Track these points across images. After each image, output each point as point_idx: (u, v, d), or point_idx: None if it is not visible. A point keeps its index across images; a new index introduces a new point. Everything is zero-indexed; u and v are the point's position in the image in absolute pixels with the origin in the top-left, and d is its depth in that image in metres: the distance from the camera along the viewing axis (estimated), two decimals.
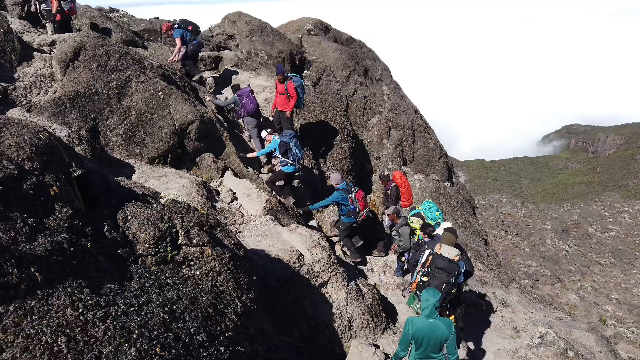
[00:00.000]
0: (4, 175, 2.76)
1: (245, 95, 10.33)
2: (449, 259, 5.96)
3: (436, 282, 5.80)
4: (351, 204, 9.18)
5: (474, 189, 25.86)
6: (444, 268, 5.84)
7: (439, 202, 14.71)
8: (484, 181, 33.41)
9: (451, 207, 15.39)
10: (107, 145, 7.83)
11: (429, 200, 9.24)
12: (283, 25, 20.42)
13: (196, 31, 11.47)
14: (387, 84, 19.64)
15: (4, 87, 7.24)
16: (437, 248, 6.20)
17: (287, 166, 9.33)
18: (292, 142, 9.25)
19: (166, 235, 3.73)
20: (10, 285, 2.23)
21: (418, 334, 4.76)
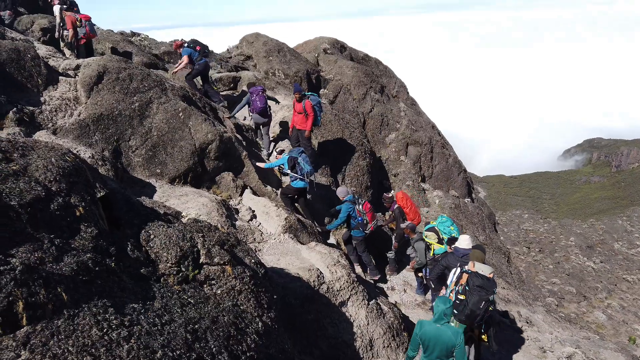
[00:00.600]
0: (32, 197, 2.83)
1: (255, 94, 10.84)
2: (486, 277, 5.89)
3: (475, 299, 5.70)
4: (359, 215, 9.23)
5: (495, 205, 25.49)
6: (482, 286, 5.76)
7: (459, 219, 14.53)
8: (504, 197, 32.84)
9: (472, 223, 15.18)
10: (129, 165, 7.97)
11: (443, 215, 9.18)
12: (299, 45, 20.71)
13: (204, 52, 11.81)
14: (404, 101, 19.66)
15: (31, 110, 7.47)
16: (470, 266, 6.14)
17: (296, 181, 9.37)
18: (300, 157, 9.33)
19: (188, 255, 3.75)
20: (38, 304, 2.27)
21: (425, 337, 4.98)
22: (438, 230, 8.43)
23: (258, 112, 10.94)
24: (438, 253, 8.39)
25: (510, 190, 35.03)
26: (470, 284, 5.86)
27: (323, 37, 20.91)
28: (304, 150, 10.64)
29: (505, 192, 34.20)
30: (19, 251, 2.49)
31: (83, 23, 11.42)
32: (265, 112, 11.08)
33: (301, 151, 9.55)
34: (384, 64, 21.53)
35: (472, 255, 6.56)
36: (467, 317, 5.78)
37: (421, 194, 14.89)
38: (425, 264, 8.61)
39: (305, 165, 9.25)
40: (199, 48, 11.67)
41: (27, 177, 2.99)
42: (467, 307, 5.73)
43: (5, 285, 2.18)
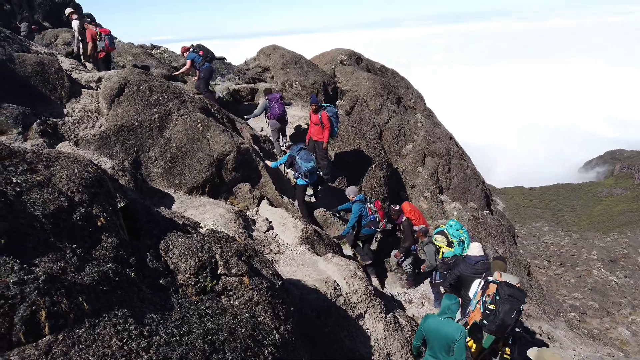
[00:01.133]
0: (56, 207, 2.88)
1: (274, 100, 11.19)
2: (516, 286, 5.82)
3: (506, 308, 5.59)
4: (370, 214, 9.29)
5: (514, 217, 25.06)
6: (513, 295, 5.66)
7: (478, 231, 14.33)
8: (523, 209, 32.29)
9: (491, 236, 14.95)
10: (149, 176, 8.08)
11: (452, 219, 9.10)
12: (316, 57, 20.86)
13: (207, 57, 12.00)
14: (421, 112, 19.59)
15: (54, 122, 7.65)
16: (496, 276, 6.06)
17: (299, 179, 9.57)
18: (298, 155, 9.43)
19: (206, 265, 3.76)
20: (60, 314, 2.30)
21: (427, 329, 5.17)
22: (447, 234, 8.43)
23: (276, 118, 11.23)
24: (447, 256, 8.40)
25: (529, 203, 34.44)
26: (502, 294, 5.75)
27: (340, 49, 21.03)
28: (321, 159, 10.70)
29: (525, 204, 33.63)
30: (42, 261, 2.53)
31: (102, 37, 11.72)
32: (283, 117, 11.43)
33: (300, 148, 9.58)
34: (401, 75, 21.53)
35: (495, 266, 6.53)
36: (498, 327, 5.64)
37: (439, 206, 14.74)
38: (435, 266, 8.63)
39: (302, 163, 9.31)
40: (202, 53, 11.89)
41: (50, 187, 3.05)
42: (499, 317, 5.60)
43: (29, 294, 2.21)
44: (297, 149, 9.58)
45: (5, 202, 2.60)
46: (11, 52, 8.05)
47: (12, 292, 2.17)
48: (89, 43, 11.77)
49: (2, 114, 6.78)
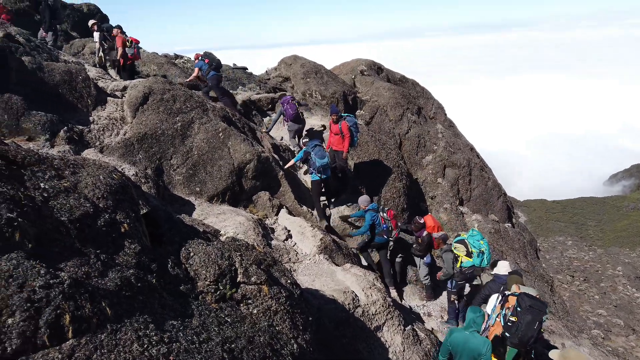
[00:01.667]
0: (81, 213, 2.94)
1: (286, 102, 11.49)
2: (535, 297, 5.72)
3: (528, 319, 5.47)
4: (383, 223, 9.25)
5: (536, 231, 24.52)
6: (534, 306, 5.55)
7: (500, 244, 14.09)
8: (546, 222, 31.61)
9: (513, 249, 14.67)
10: (170, 183, 8.19)
11: (474, 229, 8.97)
12: (337, 67, 20.94)
13: (212, 65, 12.23)
14: (441, 122, 19.46)
15: (80, 129, 7.83)
16: (515, 289, 5.96)
17: (313, 174, 9.80)
18: (313, 151, 9.64)
19: (226, 273, 3.78)
20: (83, 318, 2.33)
21: (453, 343, 5.08)
22: (467, 244, 8.32)
23: (292, 119, 11.53)
24: (465, 266, 8.29)
25: (552, 216, 33.71)
26: (523, 305, 5.64)
27: (360, 59, 21.09)
28: (342, 167, 10.70)
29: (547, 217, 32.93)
30: (68, 265, 2.58)
31: (133, 45, 12.07)
32: (299, 117, 11.74)
33: (315, 145, 9.77)
34: (421, 86, 21.45)
35: (512, 280, 6.43)
36: (521, 339, 5.51)
37: (459, 218, 14.55)
38: (452, 275, 8.51)
39: (317, 159, 9.52)
40: (207, 61, 12.13)
41: (76, 193, 3.11)
42: (521, 329, 5.48)
43: (54, 298, 2.25)
44: (312, 145, 9.79)
45: (33, 208, 2.67)
46: (41, 61, 8.30)
47: (38, 295, 2.21)
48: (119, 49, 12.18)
49: (31, 121, 6.98)
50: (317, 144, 9.80)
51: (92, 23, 13.12)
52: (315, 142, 9.92)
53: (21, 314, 2.10)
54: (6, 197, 2.55)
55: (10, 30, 8.97)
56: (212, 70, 12.17)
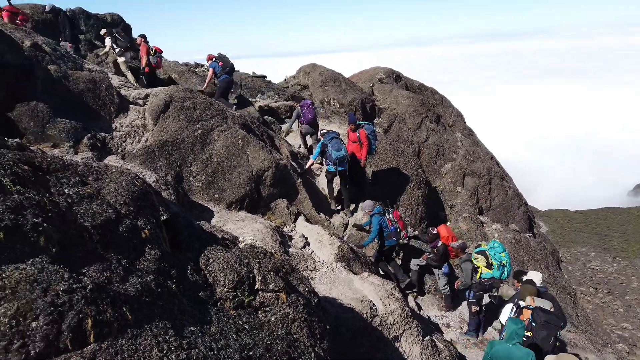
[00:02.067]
0: (104, 219, 2.98)
1: (305, 106, 11.82)
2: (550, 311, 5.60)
3: (543, 335, 5.39)
4: (390, 225, 9.28)
5: (558, 241, 23.97)
6: (549, 321, 5.45)
7: (520, 255, 13.84)
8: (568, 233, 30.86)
9: (534, 260, 14.39)
10: (190, 190, 8.27)
11: (495, 240, 8.84)
12: (355, 75, 21.00)
13: (225, 69, 12.51)
14: (461, 131, 19.29)
15: (103, 136, 7.99)
16: (529, 301, 5.84)
17: (329, 166, 10.06)
18: (329, 143, 9.89)
19: (244, 280, 3.79)
20: (105, 323, 2.35)
21: (496, 356, 4.98)
22: (488, 255, 8.21)
23: (308, 123, 11.87)
24: (484, 277, 8.15)
25: (575, 226, 32.89)
26: (538, 320, 5.54)
27: (378, 67, 21.10)
28: (360, 177, 10.70)
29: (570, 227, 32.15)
30: (90, 270, 2.61)
31: (156, 53, 12.36)
32: (315, 122, 12.07)
33: (332, 137, 9.99)
34: (440, 94, 21.34)
35: (526, 291, 6.33)
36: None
37: (479, 227, 14.35)
38: (469, 285, 8.37)
39: (333, 152, 9.76)
40: (222, 64, 12.30)
41: (99, 199, 3.16)
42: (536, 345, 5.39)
43: (77, 302, 2.28)
44: (329, 137, 10.03)
45: (57, 213, 2.72)
46: (66, 69, 8.51)
47: (61, 299, 2.25)
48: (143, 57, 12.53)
49: (56, 128, 7.14)
50: (334, 137, 10.03)
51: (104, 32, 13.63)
52: (333, 134, 10.16)
53: (45, 318, 2.13)
54: (32, 202, 2.60)
55: (37, 40, 9.22)
56: (224, 74, 12.38)
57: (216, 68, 12.45)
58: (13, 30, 9.08)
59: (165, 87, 10.49)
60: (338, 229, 9.95)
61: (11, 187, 2.63)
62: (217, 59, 12.51)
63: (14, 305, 2.10)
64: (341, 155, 9.81)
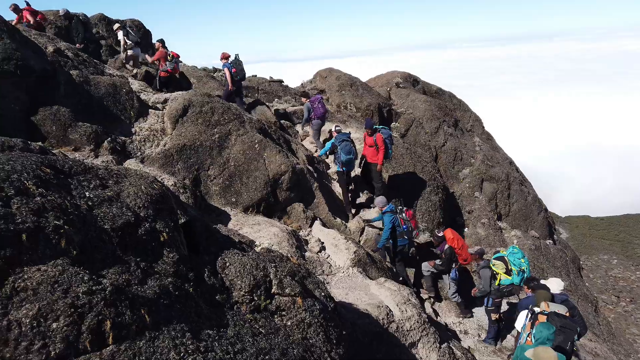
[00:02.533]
0: (123, 222, 3.02)
1: (317, 101, 12.04)
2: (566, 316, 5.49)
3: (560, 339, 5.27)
4: (403, 224, 9.21)
5: (579, 248, 23.50)
6: (565, 326, 5.34)
7: (540, 262, 13.59)
8: (589, 239, 30.22)
9: (554, 267, 14.11)
10: (207, 193, 8.33)
11: (514, 246, 8.69)
12: (372, 79, 20.94)
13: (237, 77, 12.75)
14: (479, 135, 19.08)
15: (123, 140, 8.11)
16: (544, 307, 5.72)
17: (337, 166, 10.39)
18: (339, 145, 10.13)
19: (261, 284, 3.79)
20: (123, 325, 2.38)
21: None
22: (507, 261, 8.07)
23: (319, 117, 12.11)
24: (503, 284, 8.02)
25: (596, 233, 32.20)
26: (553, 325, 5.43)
27: (395, 71, 21.03)
28: (375, 182, 10.65)
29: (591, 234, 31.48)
30: (109, 272, 2.64)
31: (173, 59, 12.52)
32: (324, 117, 12.39)
33: (343, 140, 10.18)
34: (458, 98, 21.15)
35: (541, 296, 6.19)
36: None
37: (497, 233, 14.15)
38: (488, 292, 8.22)
39: (342, 154, 10.00)
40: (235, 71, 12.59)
41: (119, 202, 3.20)
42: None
43: (96, 304, 2.31)
44: (340, 139, 10.24)
45: (78, 215, 2.76)
46: (87, 74, 8.68)
47: (81, 301, 2.28)
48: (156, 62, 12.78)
49: (77, 132, 7.27)
50: (345, 139, 10.23)
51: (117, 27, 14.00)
52: (344, 136, 10.35)
53: (65, 319, 2.16)
54: (54, 205, 2.65)
55: (60, 46, 9.43)
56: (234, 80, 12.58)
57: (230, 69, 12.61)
58: (37, 37, 9.30)
59: (184, 91, 10.62)
60: (354, 234, 9.90)
61: (34, 190, 2.68)
62: (232, 64, 12.62)
63: (35, 306, 2.14)
64: (350, 158, 10.11)
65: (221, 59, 13.20)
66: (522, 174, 18.96)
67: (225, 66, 12.68)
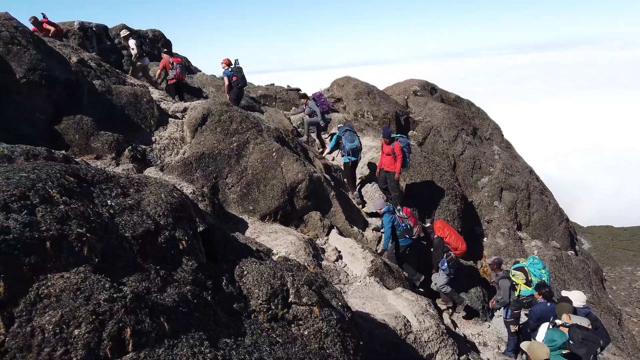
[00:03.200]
0: (144, 230, 3.06)
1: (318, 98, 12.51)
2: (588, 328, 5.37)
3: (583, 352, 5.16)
4: (401, 222, 9.25)
5: (601, 259, 22.93)
6: (587, 338, 5.23)
7: (562, 273, 13.31)
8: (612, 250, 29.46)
9: (576, 278, 13.80)
10: (225, 201, 8.39)
11: (535, 256, 8.53)
12: (389, 87, 20.92)
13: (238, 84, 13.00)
14: (498, 144, 18.87)
15: (143, 149, 8.24)
16: (565, 319, 5.61)
17: (344, 157, 10.75)
18: (343, 135, 10.63)
19: (278, 293, 3.79)
20: (143, 332, 2.40)
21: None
22: (528, 271, 7.94)
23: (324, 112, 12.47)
24: (523, 295, 7.87)
25: (619, 244, 31.39)
26: (575, 338, 5.31)
27: (413, 80, 20.97)
28: (392, 190, 10.62)
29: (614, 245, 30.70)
30: (130, 280, 2.68)
31: (174, 66, 12.71)
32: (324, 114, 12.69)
33: (346, 130, 10.68)
34: (477, 106, 20.98)
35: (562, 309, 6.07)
36: None
37: (517, 244, 13.91)
38: (508, 303, 8.06)
39: (347, 143, 10.47)
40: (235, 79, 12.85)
41: (140, 210, 3.25)
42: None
43: (117, 311, 2.34)
44: (343, 130, 10.71)
45: (100, 223, 2.81)
46: (109, 84, 8.86)
47: (102, 308, 2.31)
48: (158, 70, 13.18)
49: (99, 140, 7.42)
50: (348, 129, 10.74)
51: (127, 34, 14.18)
52: (346, 127, 10.88)
53: (86, 326, 2.20)
54: (77, 213, 2.70)
55: (84, 56, 9.65)
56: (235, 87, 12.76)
57: (230, 77, 12.78)
58: (61, 47, 9.55)
59: (203, 100, 10.77)
60: (371, 243, 9.86)
61: (58, 198, 2.74)
62: (232, 71, 12.80)
63: (58, 313, 2.18)
64: (354, 146, 10.46)
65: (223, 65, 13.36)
66: (543, 183, 18.65)
67: (225, 74, 12.86)
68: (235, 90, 12.95)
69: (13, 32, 7.17)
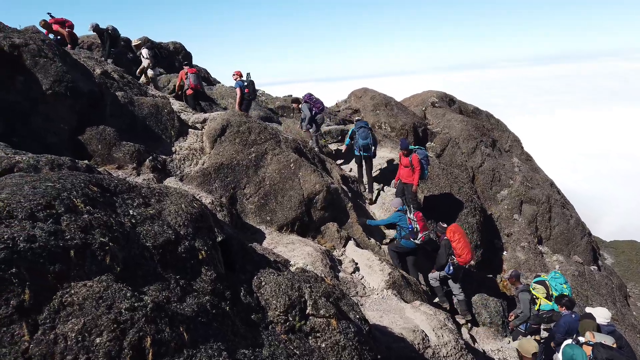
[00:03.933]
0: (164, 240, 3.10)
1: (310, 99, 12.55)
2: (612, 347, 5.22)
3: None
4: (409, 223, 9.15)
5: (625, 275, 22.32)
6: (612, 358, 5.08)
7: (584, 289, 12.99)
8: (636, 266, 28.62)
9: (599, 295, 13.44)
10: (243, 212, 8.45)
11: (556, 271, 8.34)
12: (407, 99, 20.88)
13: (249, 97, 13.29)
14: (518, 156, 18.62)
15: (164, 159, 8.37)
16: (589, 337, 5.46)
17: (355, 150, 11.44)
18: (358, 131, 11.13)
19: (295, 304, 3.78)
20: (163, 342, 2.42)
21: None
22: (549, 286, 7.76)
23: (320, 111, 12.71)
24: (543, 309, 7.68)
25: None
26: (599, 357, 5.16)
27: (431, 91, 20.91)
28: (410, 202, 10.55)
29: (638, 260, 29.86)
30: (150, 289, 2.71)
31: (188, 76, 12.89)
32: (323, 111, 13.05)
33: (361, 126, 11.16)
34: (496, 118, 20.79)
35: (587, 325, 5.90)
36: None
37: (538, 258, 13.65)
38: (528, 317, 7.88)
39: (360, 140, 11.07)
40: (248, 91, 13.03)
41: (161, 220, 3.29)
42: None
43: (138, 320, 2.36)
44: (359, 126, 11.22)
45: (123, 233, 2.85)
46: (132, 95, 9.05)
47: (123, 317, 2.33)
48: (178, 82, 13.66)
49: (121, 150, 7.57)
50: (363, 126, 11.22)
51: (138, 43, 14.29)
52: (362, 124, 11.37)
53: (108, 334, 2.22)
54: (100, 222, 2.75)
55: (107, 68, 9.89)
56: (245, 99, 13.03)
57: (243, 88, 12.91)
58: (86, 60, 9.80)
59: (222, 111, 10.90)
60: (389, 255, 9.79)
61: (82, 208, 2.79)
62: (243, 85, 12.95)
63: (80, 321, 2.21)
64: (366, 143, 11.04)
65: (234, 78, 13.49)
66: (564, 196, 18.31)
67: (237, 85, 13.00)
68: (246, 102, 13.13)
69: (40, 45, 7.39)
